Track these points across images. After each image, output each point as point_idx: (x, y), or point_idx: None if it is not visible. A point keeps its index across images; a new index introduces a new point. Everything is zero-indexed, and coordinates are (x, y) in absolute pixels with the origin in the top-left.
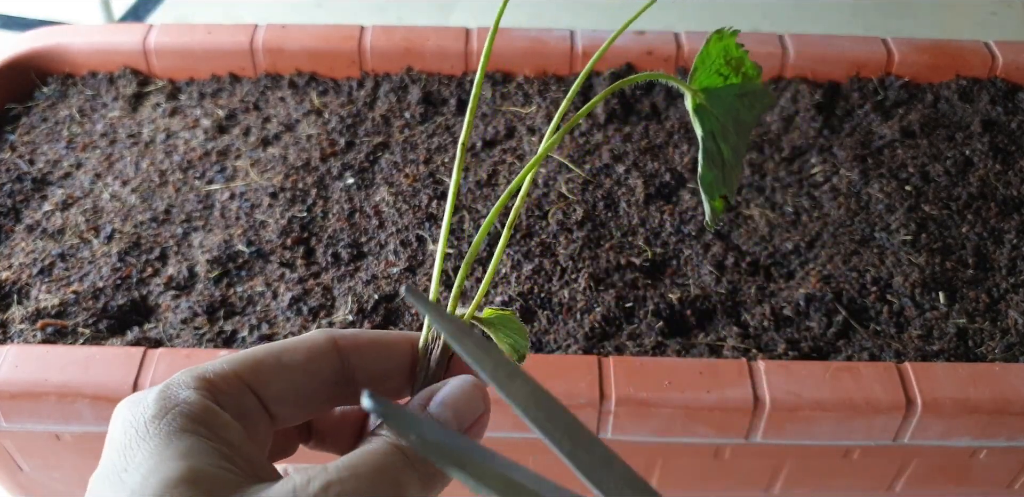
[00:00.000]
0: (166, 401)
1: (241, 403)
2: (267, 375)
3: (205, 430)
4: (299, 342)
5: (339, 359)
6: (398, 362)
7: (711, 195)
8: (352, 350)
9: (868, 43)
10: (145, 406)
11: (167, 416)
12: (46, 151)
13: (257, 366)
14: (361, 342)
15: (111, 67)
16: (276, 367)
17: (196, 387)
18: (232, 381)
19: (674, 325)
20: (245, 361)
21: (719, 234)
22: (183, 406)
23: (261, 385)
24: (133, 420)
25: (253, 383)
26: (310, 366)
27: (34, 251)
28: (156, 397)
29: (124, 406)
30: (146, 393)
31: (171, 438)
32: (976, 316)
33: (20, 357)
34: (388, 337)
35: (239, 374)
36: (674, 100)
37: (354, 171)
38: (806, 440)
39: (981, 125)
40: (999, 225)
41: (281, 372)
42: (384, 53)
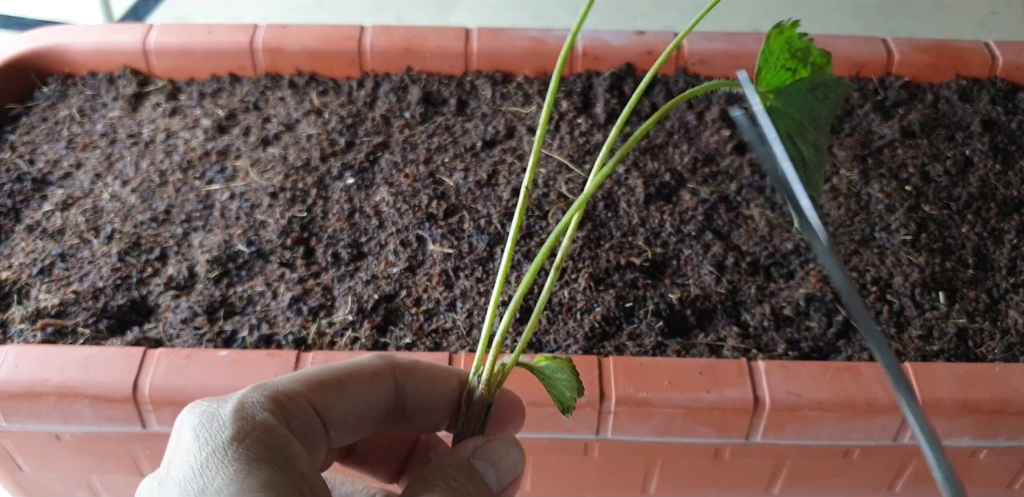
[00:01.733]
0: (243, 422)
1: (309, 428)
2: (331, 399)
3: (281, 459)
4: (361, 367)
5: (395, 387)
6: (446, 396)
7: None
8: (408, 379)
9: (868, 43)
10: (221, 424)
11: (246, 440)
12: (46, 151)
13: (323, 389)
14: (417, 372)
15: (111, 67)
16: (340, 392)
17: (271, 410)
18: (302, 404)
19: (674, 325)
20: (311, 383)
21: (719, 234)
22: (261, 431)
23: (326, 409)
24: (210, 438)
25: (319, 407)
26: (370, 393)
27: (34, 251)
28: (232, 416)
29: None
30: (218, 406)
31: (251, 466)
32: (976, 316)
33: (20, 357)
34: (440, 370)
35: (307, 396)
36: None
37: (354, 171)
38: (806, 440)
39: (981, 125)
40: (999, 225)
41: (344, 397)
42: (384, 53)
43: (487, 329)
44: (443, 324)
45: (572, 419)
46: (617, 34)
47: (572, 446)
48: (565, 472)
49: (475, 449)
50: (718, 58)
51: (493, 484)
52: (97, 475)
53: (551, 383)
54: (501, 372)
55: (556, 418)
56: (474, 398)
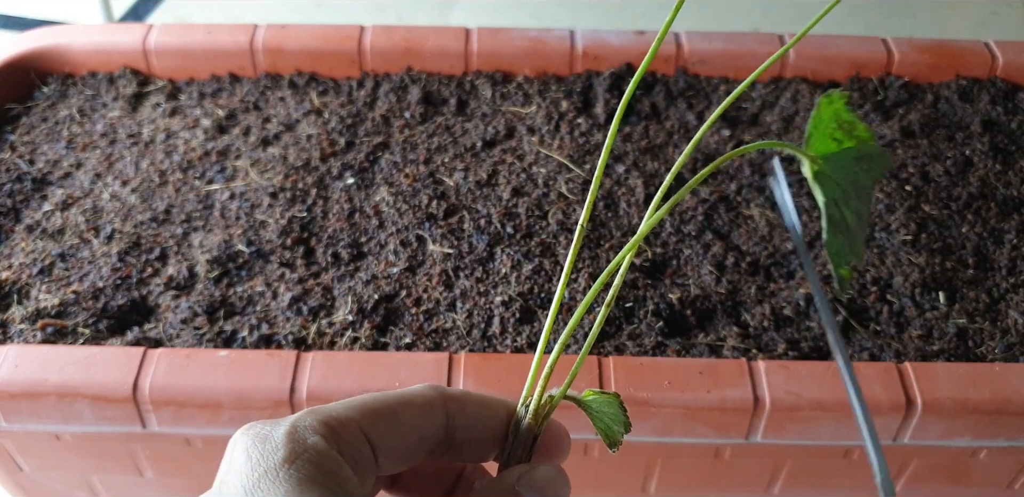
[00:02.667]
0: (295, 445)
1: (360, 454)
2: (383, 428)
3: (332, 482)
4: (413, 397)
5: (446, 418)
6: (495, 427)
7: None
8: (458, 411)
9: (868, 43)
10: (274, 446)
11: (297, 462)
12: (46, 151)
13: (375, 417)
14: (467, 404)
15: (111, 67)
16: (392, 421)
17: (323, 434)
18: (354, 430)
19: (674, 325)
20: (364, 410)
21: (719, 234)
22: (312, 453)
23: (377, 437)
24: (263, 459)
25: (371, 435)
26: (421, 423)
27: (34, 251)
28: (285, 438)
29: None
30: (271, 429)
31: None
32: (976, 316)
33: (20, 357)
34: (491, 401)
35: (360, 423)
36: (674, 100)
37: (354, 171)
38: (806, 440)
39: (981, 125)
40: (999, 225)
41: (396, 427)
42: (384, 53)
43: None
44: (443, 324)
45: (572, 419)
46: (617, 34)
47: (572, 446)
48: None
49: (520, 476)
50: (718, 58)
51: None
52: (97, 475)
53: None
54: (549, 403)
55: (555, 417)
56: (521, 428)
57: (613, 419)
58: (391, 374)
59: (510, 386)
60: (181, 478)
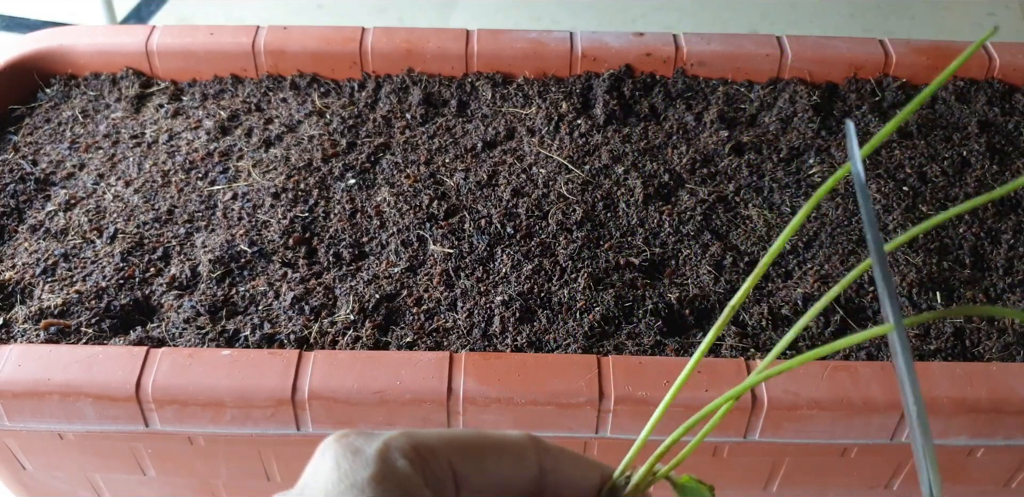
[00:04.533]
0: (385, 465)
1: (444, 486)
2: (471, 467)
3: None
4: (507, 443)
5: (538, 471)
6: (587, 489)
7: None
8: (553, 467)
9: (866, 44)
10: (365, 461)
11: (385, 482)
12: (49, 152)
13: (465, 455)
14: (562, 461)
15: (114, 68)
16: (480, 461)
17: (412, 459)
18: (443, 463)
19: (673, 324)
20: (458, 444)
21: (717, 234)
22: (400, 476)
23: (463, 475)
24: (351, 472)
25: (458, 470)
26: (510, 471)
27: (37, 251)
28: (376, 456)
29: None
30: (364, 443)
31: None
32: (974, 316)
33: (23, 356)
34: (586, 463)
35: (449, 457)
36: (673, 101)
37: (355, 172)
38: (804, 439)
39: (978, 126)
40: (996, 225)
41: (484, 467)
42: (385, 54)
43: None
44: (444, 323)
45: (571, 418)
46: (616, 36)
47: (571, 444)
48: None
49: None
50: (717, 60)
51: None
52: (100, 474)
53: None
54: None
55: (554, 417)
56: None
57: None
58: (392, 373)
59: (510, 385)
60: (184, 477)
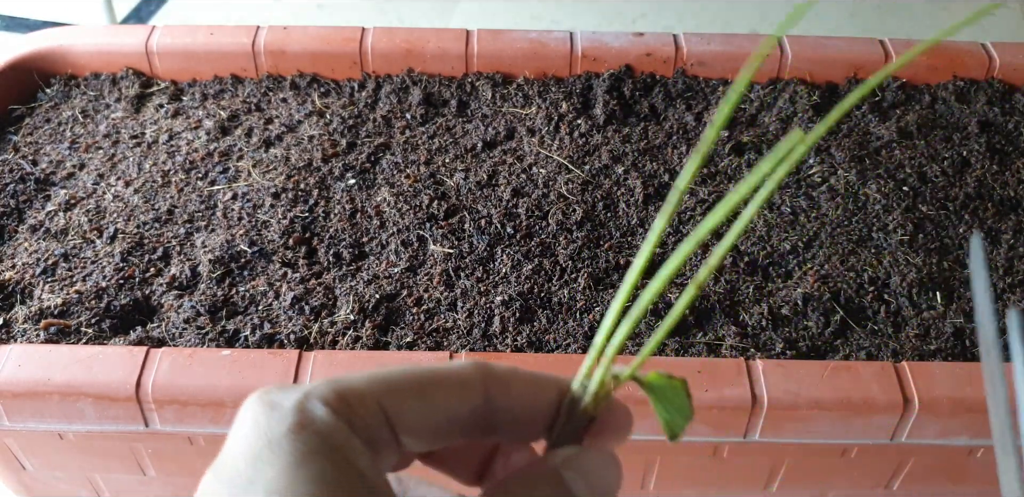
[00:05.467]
0: (303, 415)
1: (375, 430)
2: (406, 406)
3: (337, 455)
4: (447, 375)
5: (484, 397)
6: (543, 408)
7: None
8: (501, 391)
9: (866, 44)
10: (282, 415)
11: (303, 433)
12: (49, 152)
13: (398, 394)
14: (513, 383)
15: (114, 68)
16: (417, 399)
17: (335, 406)
18: (370, 406)
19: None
20: (388, 386)
21: (717, 234)
22: (320, 425)
23: (397, 415)
24: (267, 428)
25: (390, 412)
26: (452, 404)
27: (37, 251)
28: (294, 407)
29: (258, 406)
30: (282, 397)
31: (304, 459)
32: (973, 316)
33: (23, 357)
34: (541, 380)
35: (379, 399)
36: (673, 101)
37: (355, 172)
38: (804, 439)
39: (978, 126)
40: (996, 225)
41: (421, 406)
42: (385, 54)
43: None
44: (444, 323)
45: None
46: (616, 36)
47: None
48: None
49: (567, 459)
50: (717, 60)
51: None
52: (100, 474)
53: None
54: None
55: None
56: (576, 409)
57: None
58: None
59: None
60: (184, 477)
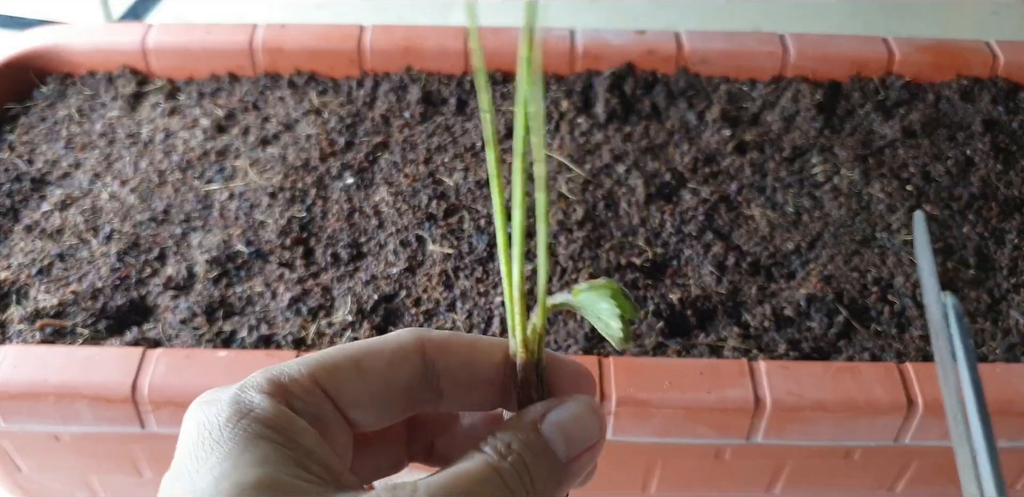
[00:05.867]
0: (240, 404)
1: (316, 409)
2: (343, 380)
3: (280, 437)
4: (383, 345)
5: (423, 365)
6: (488, 371)
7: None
8: (440, 355)
9: (869, 42)
10: (219, 408)
11: (242, 420)
12: (45, 151)
13: (334, 370)
14: (451, 348)
15: (110, 67)
16: (353, 372)
17: (270, 392)
18: (307, 386)
19: (675, 325)
20: (322, 364)
21: (719, 234)
22: (258, 410)
23: (336, 390)
24: (207, 421)
25: (328, 388)
26: (389, 372)
27: (33, 251)
28: (230, 400)
29: (197, 406)
30: (220, 393)
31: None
32: (977, 316)
33: (19, 357)
34: (481, 343)
35: (315, 378)
36: (675, 100)
37: (353, 171)
38: (807, 441)
39: (982, 125)
40: (1000, 225)
41: (358, 378)
42: (384, 52)
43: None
44: (443, 324)
45: None
46: (617, 33)
47: None
48: None
49: (543, 412)
50: (719, 58)
51: (562, 453)
52: (96, 475)
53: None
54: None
55: None
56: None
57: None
58: None
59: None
60: None
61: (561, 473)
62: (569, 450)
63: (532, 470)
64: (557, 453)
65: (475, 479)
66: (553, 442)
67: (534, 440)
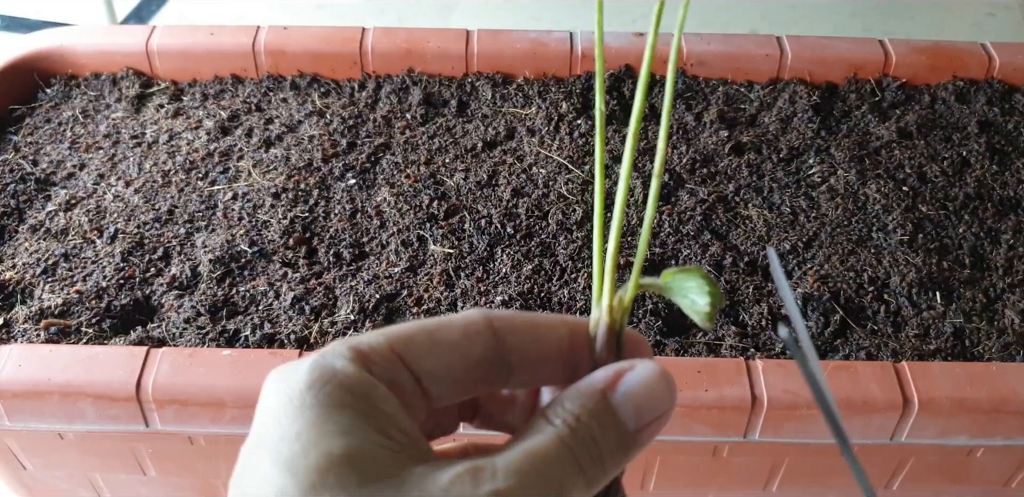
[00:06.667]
0: (322, 371)
1: (396, 376)
2: (420, 350)
3: (363, 403)
4: (454, 319)
5: (494, 339)
6: (555, 346)
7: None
8: (508, 331)
9: (865, 44)
10: (299, 376)
11: (325, 387)
12: (49, 152)
13: (410, 341)
14: (517, 323)
15: (114, 68)
16: (429, 343)
17: (351, 358)
18: (386, 354)
19: (672, 324)
20: (399, 335)
21: (717, 234)
22: (341, 377)
23: (414, 360)
24: (288, 389)
25: (406, 357)
26: (464, 344)
27: (38, 251)
28: (310, 366)
29: (275, 377)
30: (298, 363)
31: (331, 411)
32: (973, 316)
33: (23, 356)
34: (544, 319)
35: (393, 347)
36: (674, 101)
37: (356, 172)
38: (804, 438)
39: (978, 126)
40: (996, 225)
41: (434, 348)
42: (385, 54)
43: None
44: None
45: None
46: (617, 36)
47: None
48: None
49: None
50: (717, 60)
51: (631, 422)
52: (100, 474)
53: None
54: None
55: None
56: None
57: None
58: None
59: None
60: (184, 477)
61: (630, 443)
62: (639, 420)
63: (601, 442)
64: (626, 423)
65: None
66: (622, 411)
67: (603, 409)
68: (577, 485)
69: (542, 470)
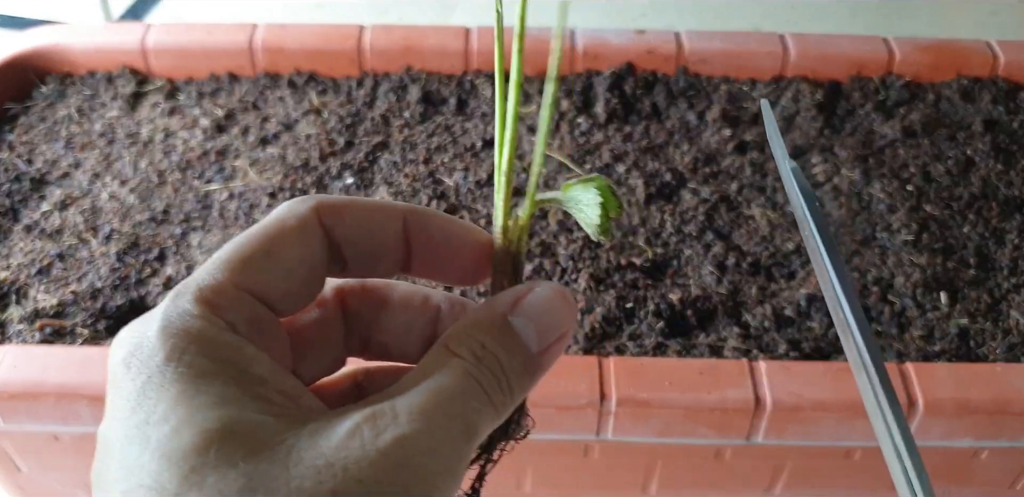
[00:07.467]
0: (176, 339)
1: (252, 315)
2: (263, 274)
3: (233, 369)
4: (282, 223)
5: (324, 235)
6: (390, 237)
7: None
8: (336, 223)
9: (869, 42)
10: (152, 348)
11: (184, 357)
12: (44, 151)
13: (251, 267)
14: (346, 214)
15: (110, 66)
16: (270, 264)
17: (201, 315)
18: (233, 293)
19: (675, 325)
20: (235, 263)
21: (720, 234)
22: (200, 343)
23: (262, 289)
24: (141, 365)
25: (253, 288)
26: (301, 251)
27: (32, 251)
28: (161, 334)
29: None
30: (144, 329)
31: (197, 383)
32: (978, 316)
33: (18, 357)
34: (382, 207)
35: (237, 283)
36: (675, 100)
37: (353, 171)
38: (807, 441)
39: (983, 125)
40: (1001, 225)
41: (274, 267)
42: (384, 52)
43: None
44: None
45: (572, 420)
46: (618, 33)
47: (572, 447)
48: (565, 473)
49: (511, 302)
50: (718, 57)
51: (533, 344)
52: None
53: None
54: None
55: (555, 419)
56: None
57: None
58: None
59: None
60: None
61: (534, 367)
62: (540, 341)
63: (507, 369)
64: (529, 345)
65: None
66: (525, 335)
67: (507, 334)
68: (487, 417)
69: (449, 408)
